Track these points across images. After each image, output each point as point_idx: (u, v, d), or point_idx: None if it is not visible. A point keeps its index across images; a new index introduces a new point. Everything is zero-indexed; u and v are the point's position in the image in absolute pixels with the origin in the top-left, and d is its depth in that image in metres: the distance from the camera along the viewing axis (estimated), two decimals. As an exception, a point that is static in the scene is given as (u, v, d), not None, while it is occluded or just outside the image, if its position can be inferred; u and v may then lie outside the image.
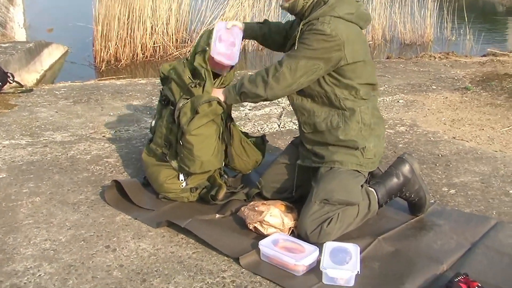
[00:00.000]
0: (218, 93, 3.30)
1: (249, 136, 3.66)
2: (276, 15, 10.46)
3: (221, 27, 3.37)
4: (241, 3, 9.95)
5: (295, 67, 3.04)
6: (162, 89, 3.55)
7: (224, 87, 3.39)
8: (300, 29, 3.07)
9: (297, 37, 3.07)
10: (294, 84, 3.09)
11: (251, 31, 3.52)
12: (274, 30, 3.55)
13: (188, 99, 3.27)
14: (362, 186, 3.14)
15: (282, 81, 3.08)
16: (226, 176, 3.59)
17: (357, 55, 3.08)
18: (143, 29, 9.28)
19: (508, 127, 5.08)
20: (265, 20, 3.62)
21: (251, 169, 3.65)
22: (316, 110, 3.20)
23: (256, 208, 3.10)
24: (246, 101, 3.32)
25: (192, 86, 3.28)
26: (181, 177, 3.39)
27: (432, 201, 3.54)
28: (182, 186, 3.40)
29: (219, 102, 3.23)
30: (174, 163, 3.37)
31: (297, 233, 3.06)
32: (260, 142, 3.65)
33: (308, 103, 3.22)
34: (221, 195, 3.36)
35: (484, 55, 9.08)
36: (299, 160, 3.34)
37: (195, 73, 3.34)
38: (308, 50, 3.01)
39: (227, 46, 3.32)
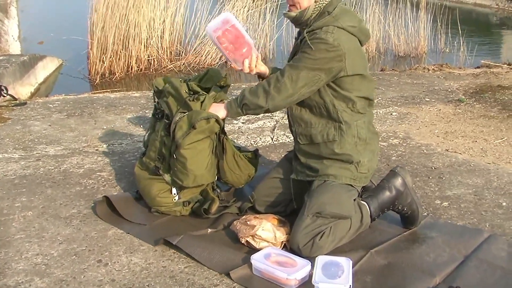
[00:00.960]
0: (219, 108, 3.29)
1: (242, 150, 3.66)
2: (271, 28, 10.48)
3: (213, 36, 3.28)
4: (236, 17, 9.95)
5: (296, 77, 3.04)
6: (157, 102, 3.55)
7: (221, 100, 3.40)
8: (304, 37, 3.08)
9: (299, 41, 3.12)
10: (295, 94, 3.09)
11: None
12: None
13: (184, 113, 3.28)
14: (354, 199, 3.14)
15: (284, 92, 3.08)
16: (218, 190, 3.58)
17: (356, 68, 3.10)
18: (138, 42, 9.29)
19: (501, 139, 5.09)
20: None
21: (243, 183, 3.65)
22: (314, 121, 3.20)
23: (248, 222, 3.10)
24: (248, 114, 3.29)
25: (190, 100, 3.28)
26: (174, 191, 3.38)
27: (425, 214, 3.55)
28: (175, 200, 3.39)
29: (217, 120, 3.24)
30: (167, 177, 3.36)
31: (289, 246, 3.06)
32: (253, 156, 3.65)
33: (306, 114, 3.22)
34: (214, 209, 3.35)
35: (478, 67, 9.11)
36: (293, 174, 3.34)
37: (192, 89, 3.36)
38: (310, 60, 3.02)
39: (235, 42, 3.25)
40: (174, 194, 3.39)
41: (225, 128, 3.47)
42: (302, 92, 3.08)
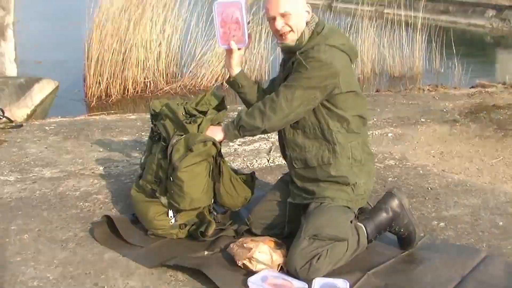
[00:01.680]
0: (217, 130, 3.31)
1: (238, 172, 3.66)
2: (266, 50, 10.50)
3: (220, 9, 3.26)
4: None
5: (291, 97, 3.06)
6: (154, 125, 3.56)
7: (218, 123, 3.41)
8: (296, 58, 3.10)
9: (291, 63, 3.12)
10: (291, 114, 3.10)
11: (252, 89, 3.43)
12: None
13: (181, 135, 3.28)
14: (351, 221, 3.14)
15: (279, 112, 3.09)
16: (215, 213, 3.57)
17: (350, 85, 3.12)
18: (135, 64, 9.31)
19: (497, 158, 5.09)
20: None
21: (240, 206, 3.64)
22: (307, 145, 3.20)
23: (244, 245, 3.09)
24: (245, 135, 3.31)
25: (187, 122, 3.29)
26: (170, 213, 3.39)
27: (422, 234, 3.54)
28: (171, 222, 3.39)
29: (214, 143, 3.24)
30: (163, 200, 3.36)
31: (286, 269, 3.05)
32: (249, 179, 3.64)
33: (299, 137, 3.23)
34: (211, 231, 3.35)
35: (473, 87, 9.11)
36: (290, 198, 3.34)
37: (189, 112, 3.37)
38: (304, 79, 3.03)
39: (233, 27, 3.26)
40: (171, 216, 3.38)
41: (221, 150, 3.48)
42: (298, 111, 3.09)
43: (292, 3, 3.11)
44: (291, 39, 3.15)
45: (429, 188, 4.36)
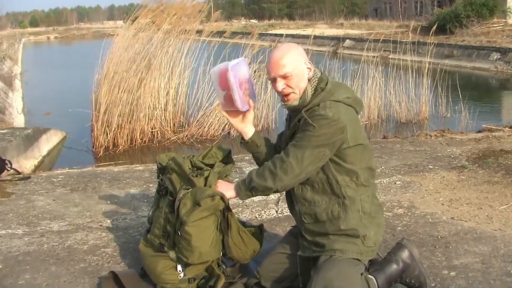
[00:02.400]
0: (228, 188, 3.30)
1: (246, 225, 3.64)
2: (273, 98, 10.56)
3: (235, 72, 3.23)
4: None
5: (301, 157, 3.05)
6: (161, 179, 3.57)
7: (225, 176, 3.42)
8: (302, 116, 3.10)
9: (297, 120, 3.11)
10: (302, 173, 3.10)
11: (267, 147, 3.45)
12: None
13: (188, 189, 3.28)
14: (362, 274, 3.11)
15: (290, 172, 3.09)
16: (224, 266, 3.56)
17: (357, 139, 3.12)
18: (142, 115, 9.37)
19: (507, 204, 5.07)
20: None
21: (249, 259, 3.62)
22: (317, 199, 3.19)
23: (254, 299, 3.07)
24: (258, 195, 3.28)
25: (193, 175, 3.30)
26: (179, 267, 3.37)
27: (433, 284, 3.51)
28: (180, 277, 3.37)
29: (222, 198, 3.24)
30: (172, 254, 3.35)
31: (296, 323, 3.02)
32: (258, 231, 3.63)
33: (308, 192, 3.21)
34: (220, 286, 3.33)
35: (480, 131, 9.15)
36: (300, 251, 3.31)
37: (196, 165, 3.38)
38: (313, 138, 3.03)
39: (246, 86, 3.27)
40: (180, 271, 3.37)
41: (229, 202, 3.47)
42: (308, 170, 3.09)
43: (293, 64, 3.12)
44: (293, 98, 3.16)
45: (439, 237, 4.33)
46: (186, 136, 9.66)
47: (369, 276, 3.15)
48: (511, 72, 20.69)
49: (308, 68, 3.16)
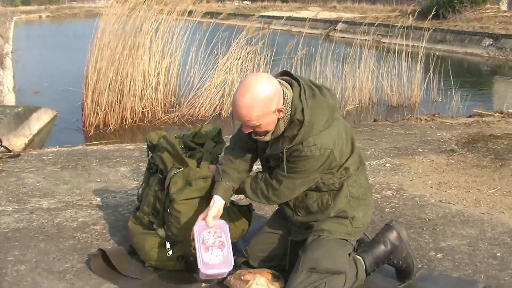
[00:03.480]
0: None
1: (235, 204, 3.66)
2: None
3: (200, 229, 3.10)
4: (229, 69, 10.06)
5: (292, 187, 3.07)
6: (151, 157, 3.57)
7: (217, 155, 3.45)
8: (284, 152, 2.99)
9: (285, 160, 2.99)
10: (294, 195, 3.14)
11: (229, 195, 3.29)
12: (250, 164, 3.35)
13: (179, 168, 3.29)
14: (349, 254, 3.14)
15: (282, 197, 3.14)
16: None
17: (344, 150, 3.09)
18: (133, 94, 9.34)
19: (495, 188, 5.09)
20: (228, 161, 3.30)
21: (237, 238, 3.63)
22: (308, 192, 3.19)
23: (242, 277, 3.09)
24: None
25: (187, 156, 3.30)
26: (168, 245, 3.38)
27: (420, 266, 3.53)
28: (169, 254, 3.38)
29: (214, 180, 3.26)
30: (161, 232, 3.36)
31: (284, 301, 3.04)
32: (246, 210, 3.64)
33: None
34: (207, 264, 3.34)
35: (470, 116, 9.16)
36: (291, 236, 3.32)
37: (188, 145, 3.38)
38: (302, 172, 3.01)
39: (216, 252, 3.08)
40: (168, 248, 3.38)
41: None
42: (300, 191, 3.13)
43: (259, 118, 2.89)
44: (264, 136, 3.02)
45: (427, 219, 4.36)
46: (177, 116, 9.63)
47: (357, 256, 3.18)
48: (503, 58, 20.66)
49: (278, 111, 2.91)
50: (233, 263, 3.05)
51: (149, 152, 3.60)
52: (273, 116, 2.90)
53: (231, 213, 3.51)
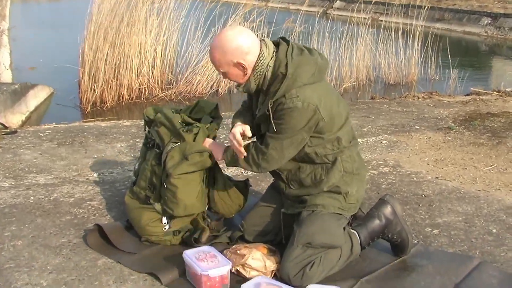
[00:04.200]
0: (218, 150, 3.31)
1: (232, 180, 3.66)
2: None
3: (189, 253, 3.09)
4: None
5: (280, 147, 3.05)
6: (148, 132, 3.56)
7: (214, 129, 3.46)
8: (270, 108, 3.02)
9: (271, 117, 3.02)
10: (284, 158, 3.12)
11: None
12: (249, 119, 3.39)
13: (176, 143, 3.29)
14: (344, 228, 3.15)
15: (272, 161, 3.11)
16: (209, 220, 3.58)
17: (331, 110, 3.07)
18: (129, 71, 9.30)
19: (491, 166, 5.11)
20: (237, 114, 3.44)
21: (234, 213, 3.65)
22: (301, 166, 3.20)
23: (238, 251, 3.10)
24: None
25: (184, 130, 3.30)
26: (164, 220, 3.39)
27: (415, 241, 3.55)
28: (165, 229, 3.39)
29: (210, 155, 3.25)
30: (157, 206, 3.36)
31: (279, 276, 3.06)
32: (243, 186, 3.65)
33: (291, 164, 3.21)
34: (205, 238, 3.35)
35: (467, 94, 9.16)
36: (284, 208, 3.33)
37: (185, 121, 3.38)
38: (288, 129, 3.00)
39: (211, 260, 3.02)
40: (165, 223, 3.39)
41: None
42: (290, 154, 3.10)
43: (220, 63, 3.08)
44: (244, 86, 3.14)
45: (423, 195, 4.37)
46: (174, 93, 9.58)
47: (352, 230, 3.19)
48: (501, 38, 20.63)
49: (241, 65, 3.04)
50: (230, 262, 3.03)
51: (146, 127, 3.59)
52: (236, 69, 3.06)
53: (228, 188, 3.52)
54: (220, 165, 3.51)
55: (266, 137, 3.09)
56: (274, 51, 3.07)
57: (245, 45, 3.02)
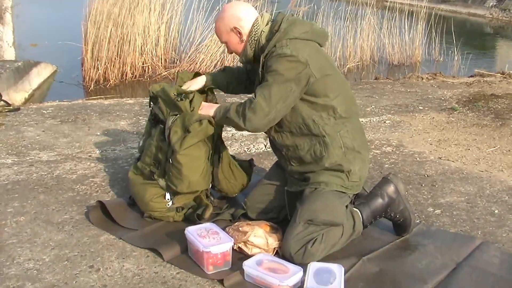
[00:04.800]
0: (209, 108, 3.31)
1: (236, 159, 3.67)
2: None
3: (191, 230, 3.09)
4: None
5: (268, 94, 3.03)
6: (152, 108, 3.56)
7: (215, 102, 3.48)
8: (262, 61, 3.12)
9: (261, 69, 3.13)
10: (271, 111, 3.06)
11: (214, 81, 3.56)
12: (236, 76, 3.61)
13: (176, 115, 3.29)
14: (347, 206, 3.15)
15: (259, 111, 3.06)
16: (212, 198, 3.59)
17: (323, 69, 3.09)
18: (133, 49, 9.28)
19: (494, 147, 5.10)
20: (226, 67, 3.70)
21: (237, 192, 3.65)
22: (298, 143, 3.20)
23: (240, 229, 3.11)
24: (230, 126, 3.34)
25: (178, 100, 3.29)
26: (168, 196, 3.39)
27: (417, 221, 3.56)
28: (168, 205, 3.39)
29: (210, 121, 3.24)
30: (161, 182, 3.37)
31: (281, 253, 3.06)
32: (248, 165, 3.66)
33: (289, 138, 3.22)
34: (207, 214, 3.36)
35: (471, 76, 9.16)
36: (287, 186, 3.34)
37: (180, 91, 3.38)
38: (276, 75, 3.01)
39: (213, 236, 3.02)
40: (168, 199, 3.39)
41: (221, 136, 3.50)
42: (278, 108, 3.06)
43: (221, 31, 3.31)
44: (242, 53, 3.29)
45: (426, 175, 4.37)
46: (178, 71, 9.57)
47: (354, 209, 3.19)
48: (507, 20, 20.58)
49: (236, 30, 3.24)
50: (232, 240, 3.04)
51: (151, 103, 3.59)
52: (234, 35, 3.27)
53: (233, 167, 3.53)
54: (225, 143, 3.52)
55: (256, 90, 3.12)
56: (269, 20, 3.24)
57: (241, 12, 3.25)
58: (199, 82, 3.50)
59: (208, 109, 3.30)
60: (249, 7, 3.30)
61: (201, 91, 3.51)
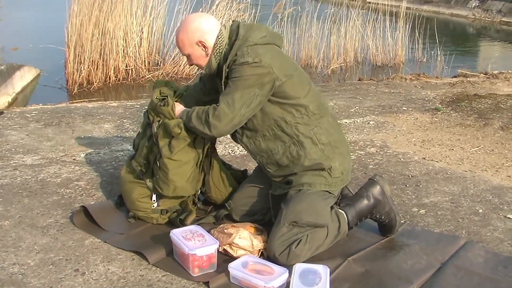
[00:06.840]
0: (179, 111, 3.33)
1: (230, 167, 3.68)
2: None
3: (176, 232, 3.08)
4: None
5: (231, 100, 3.04)
6: (144, 113, 3.58)
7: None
8: (225, 71, 3.12)
9: (224, 79, 3.13)
10: (236, 117, 3.08)
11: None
12: (201, 96, 3.54)
13: (159, 121, 3.30)
14: (332, 207, 3.15)
15: (224, 118, 3.07)
16: (199, 205, 3.60)
17: (287, 71, 3.12)
18: (116, 52, 9.24)
19: (478, 147, 5.13)
20: (183, 95, 3.57)
21: (225, 200, 3.65)
22: (272, 147, 3.21)
23: (225, 231, 3.11)
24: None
25: (161, 105, 3.30)
26: (154, 197, 3.40)
27: (402, 221, 3.57)
28: (154, 206, 3.40)
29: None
30: (148, 183, 3.37)
31: (266, 255, 3.07)
32: (241, 175, 3.68)
33: (262, 143, 3.23)
34: (189, 220, 3.36)
35: (455, 76, 9.20)
36: (271, 190, 3.34)
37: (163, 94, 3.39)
38: (239, 81, 3.03)
39: (198, 239, 3.01)
40: (154, 200, 3.40)
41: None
42: (242, 112, 3.07)
43: (184, 44, 3.25)
44: (207, 66, 3.26)
45: (410, 176, 4.39)
46: (161, 74, 9.53)
47: (340, 210, 3.19)
48: (489, 20, 20.70)
49: (202, 44, 3.20)
50: (217, 242, 3.03)
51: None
52: (198, 48, 3.22)
53: (223, 175, 3.55)
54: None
55: (220, 96, 3.13)
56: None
57: (205, 25, 3.21)
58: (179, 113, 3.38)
59: (178, 112, 3.32)
60: (212, 19, 3.29)
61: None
